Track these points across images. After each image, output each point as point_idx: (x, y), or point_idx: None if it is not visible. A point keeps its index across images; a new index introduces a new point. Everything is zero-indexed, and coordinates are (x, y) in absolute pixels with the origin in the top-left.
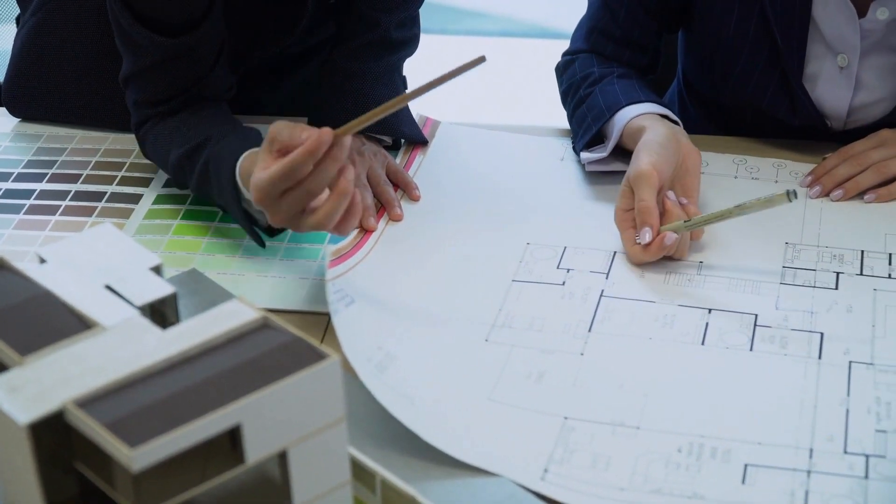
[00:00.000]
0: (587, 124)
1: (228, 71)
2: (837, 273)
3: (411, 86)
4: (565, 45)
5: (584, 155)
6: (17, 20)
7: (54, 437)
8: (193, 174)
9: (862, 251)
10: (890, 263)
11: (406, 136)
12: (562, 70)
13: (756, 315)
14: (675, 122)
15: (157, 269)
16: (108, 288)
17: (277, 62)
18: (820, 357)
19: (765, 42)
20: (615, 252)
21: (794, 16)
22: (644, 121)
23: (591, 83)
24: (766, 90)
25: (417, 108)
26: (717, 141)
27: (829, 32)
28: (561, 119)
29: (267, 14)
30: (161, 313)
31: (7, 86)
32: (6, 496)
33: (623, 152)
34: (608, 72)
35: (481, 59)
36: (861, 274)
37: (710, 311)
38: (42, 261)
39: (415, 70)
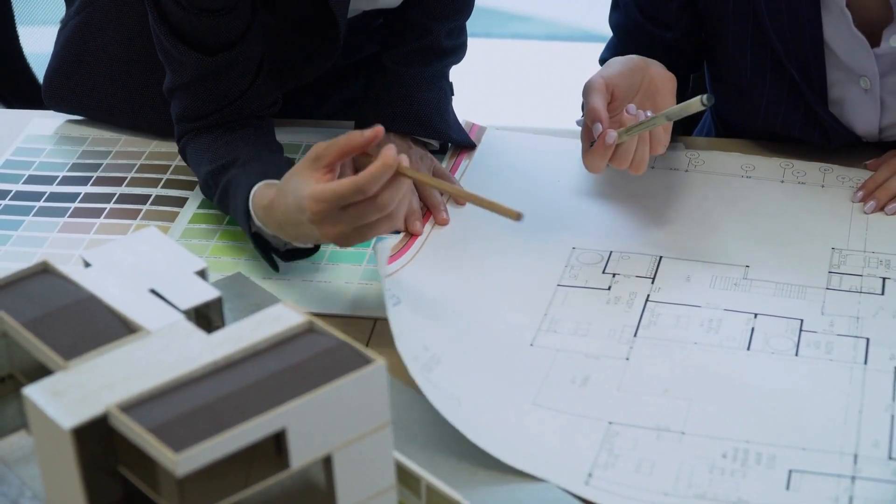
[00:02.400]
0: None
1: (272, 86)
2: (884, 279)
3: (458, 91)
4: None
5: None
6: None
7: (98, 442)
8: (216, 193)
9: None
10: None
11: (453, 139)
12: None
13: (802, 320)
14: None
15: (202, 273)
16: (153, 292)
17: (323, 77)
18: (865, 363)
19: (785, 77)
20: (661, 257)
21: (805, 50)
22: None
23: None
24: (794, 121)
25: (462, 113)
26: (762, 145)
27: (847, 59)
28: None
29: (299, 45)
30: (206, 317)
31: (47, 81)
32: (50, 500)
33: None
34: None
35: (518, 218)
36: None
37: (755, 315)
38: (87, 264)
39: (462, 72)
